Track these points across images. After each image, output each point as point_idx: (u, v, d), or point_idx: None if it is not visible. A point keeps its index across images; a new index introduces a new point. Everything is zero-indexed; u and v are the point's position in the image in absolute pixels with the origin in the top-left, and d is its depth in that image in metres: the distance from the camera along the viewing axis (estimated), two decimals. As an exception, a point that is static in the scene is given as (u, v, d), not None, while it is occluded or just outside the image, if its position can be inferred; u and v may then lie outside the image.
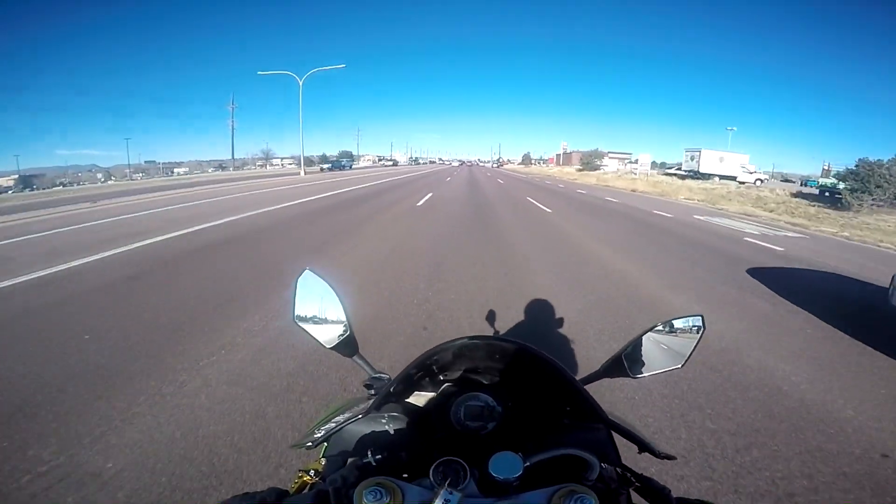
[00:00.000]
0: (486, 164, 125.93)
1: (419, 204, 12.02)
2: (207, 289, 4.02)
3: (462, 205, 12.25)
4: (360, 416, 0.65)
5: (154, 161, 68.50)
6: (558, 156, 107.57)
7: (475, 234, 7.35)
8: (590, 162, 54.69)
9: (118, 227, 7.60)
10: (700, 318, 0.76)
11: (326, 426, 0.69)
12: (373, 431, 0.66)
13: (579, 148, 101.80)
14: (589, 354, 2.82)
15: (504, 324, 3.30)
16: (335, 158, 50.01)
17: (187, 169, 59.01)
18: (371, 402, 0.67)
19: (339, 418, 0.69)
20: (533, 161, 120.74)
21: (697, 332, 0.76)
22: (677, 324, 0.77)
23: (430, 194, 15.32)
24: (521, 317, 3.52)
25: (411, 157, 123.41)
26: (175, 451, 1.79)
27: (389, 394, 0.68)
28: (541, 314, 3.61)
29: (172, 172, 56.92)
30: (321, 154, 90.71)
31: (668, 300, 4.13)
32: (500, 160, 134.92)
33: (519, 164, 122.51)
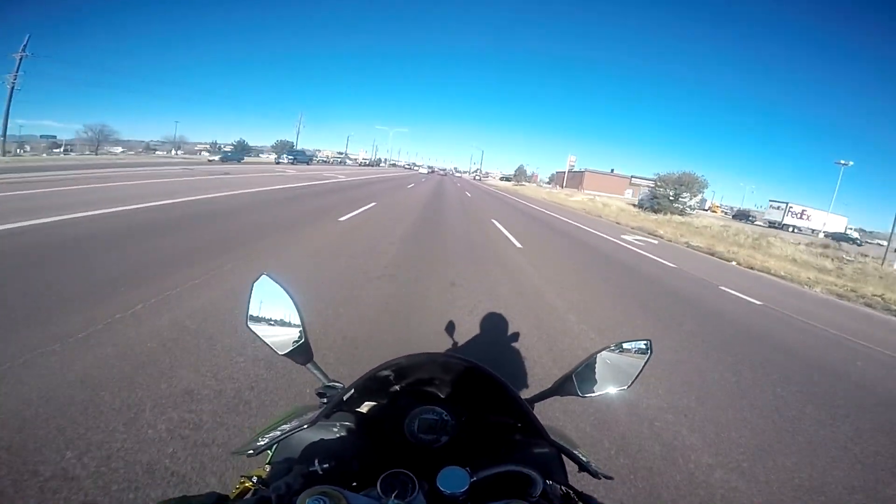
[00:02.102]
0: (462, 175, 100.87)
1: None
2: None
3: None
4: (305, 425, 0.63)
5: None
6: (559, 174, 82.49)
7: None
8: (675, 193, 28.18)
9: None
10: (648, 342, 0.79)
11: (271, 434, 0.66)
12: (322, 439, 0.64)
13: (589, 167, 77.16)
14: None
15: None
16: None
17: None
18: (320, 410, 0.65)
19: (286, 427, 0.66)
20: (528, 179, 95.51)
21: (644, 355, 0.78)
22: (627, 346, 0.78)
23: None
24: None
25: (292, 152, 48.84)
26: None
27: (341, 402, 0.66)
28: None
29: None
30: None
31: None
32: (480, 172, 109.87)
33: (503, 179, 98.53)
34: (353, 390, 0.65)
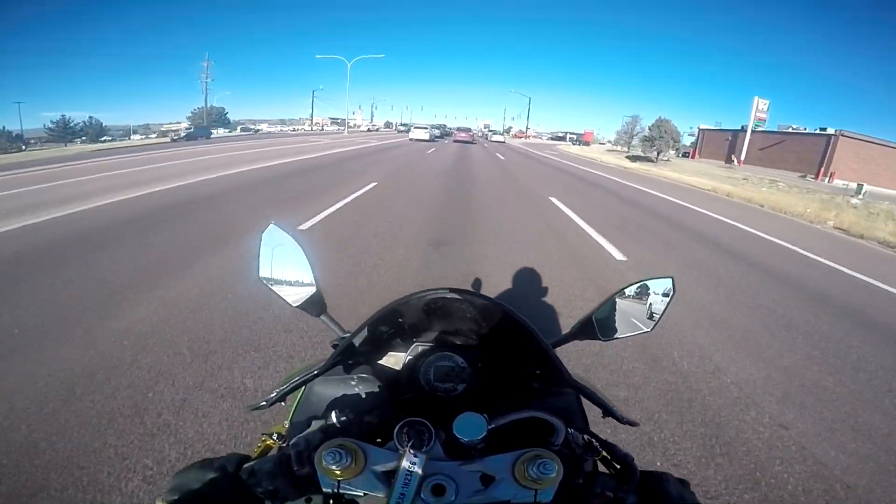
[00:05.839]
0: (502, 139, 50.28)
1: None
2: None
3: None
4: (315, 370, 0.63)
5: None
6: (708, 134, 44.39)
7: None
8: None
9: None
10: (670, 280, 0.75)
11: (282, 387, 0.67)
12: (344, 395, 0.66)
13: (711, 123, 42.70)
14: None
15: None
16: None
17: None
18: (328, 359, 0.64)
19: (297, 378, 0.66)
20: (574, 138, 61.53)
21: (667, 295, 0.75)
22: (648, 284, 0.75)
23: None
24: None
25: None
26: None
27: (355, 352, 0.66)
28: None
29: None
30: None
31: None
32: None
33: (554, 139, 72.64)
34: (364, 331, 0.63)
